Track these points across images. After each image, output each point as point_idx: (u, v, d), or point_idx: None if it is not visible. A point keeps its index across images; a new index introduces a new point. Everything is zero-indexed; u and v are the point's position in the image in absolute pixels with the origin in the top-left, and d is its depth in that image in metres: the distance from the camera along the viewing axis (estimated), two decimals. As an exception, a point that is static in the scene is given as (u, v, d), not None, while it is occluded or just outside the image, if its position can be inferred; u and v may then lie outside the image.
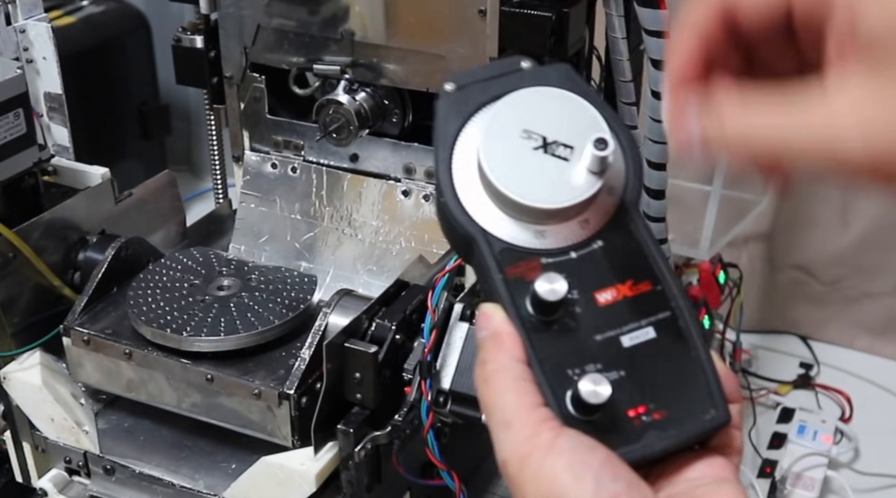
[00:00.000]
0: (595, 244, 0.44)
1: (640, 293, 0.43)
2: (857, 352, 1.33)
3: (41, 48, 0.98)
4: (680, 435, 0.41)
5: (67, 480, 0.93)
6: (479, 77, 0.46)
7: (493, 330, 0.42)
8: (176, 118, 1.66)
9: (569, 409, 0.41)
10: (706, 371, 0.43)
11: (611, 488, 0.37)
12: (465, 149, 0.45)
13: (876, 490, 1.12)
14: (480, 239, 0.43)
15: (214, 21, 1.07)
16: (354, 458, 0.78)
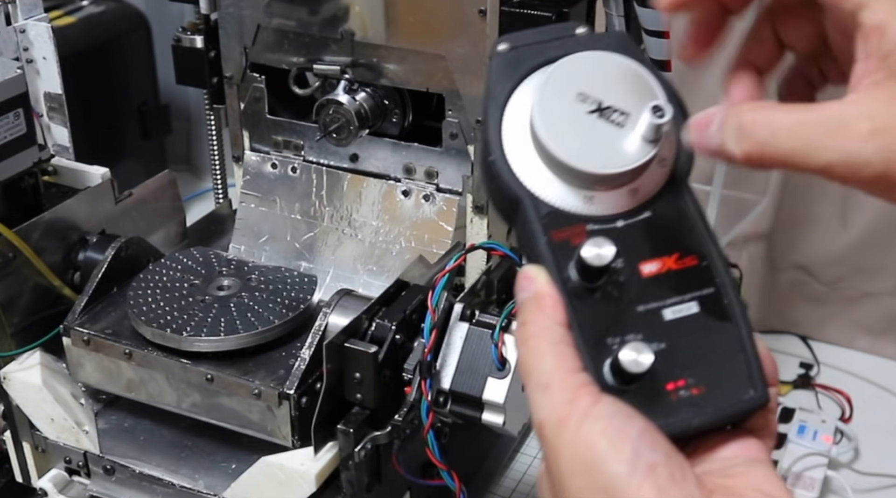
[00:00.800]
0: (643, 214, 0.43)
1: (685, 267, 0.43)
2: (857, 352, 1.33)
3: (41, 48, 0.98)
4: (717, 412, 0.41)
5: (67, 480, 0.93)
6: (533, 39, 0.45)
7: (534, 292, 0.42)
8: (176, 118, 1.66)
9: (606, 377, 0.40)
10: (747, 351, 0.42)
11: (649, 457, 0.37)
12: (516, 109, 0.44)
13: (876, 490, 1.12)
14: (527, 200, 0.43)
15: (214, 21, 1.07)
16: (354, 458, 0.78)
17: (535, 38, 0.46)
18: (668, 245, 0.43)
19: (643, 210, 0.43)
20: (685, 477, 0.37)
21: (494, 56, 0.45)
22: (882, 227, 1.28)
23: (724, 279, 0.43)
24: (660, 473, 0.37)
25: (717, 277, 0.43)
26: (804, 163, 0.38)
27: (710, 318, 0.42)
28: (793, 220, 1.33)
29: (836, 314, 1.34)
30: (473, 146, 0.99)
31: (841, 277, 1.34)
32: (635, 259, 0.43)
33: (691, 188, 0.45)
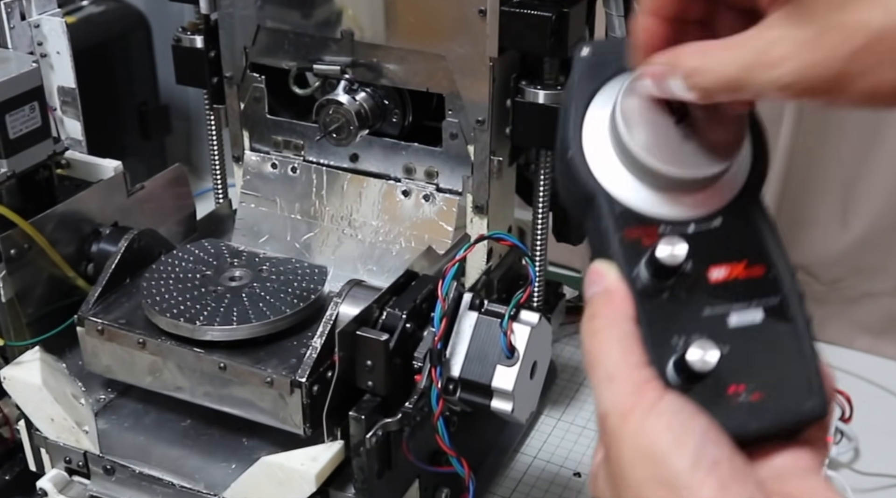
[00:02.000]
0: (715, 221, 0.44)
1: (752, 275, 0.44)
2: (857, 352, 1.33)
3: (55, 43, 1.00)
4: (776, 420, 0.41)
5: (67, 480, 0.93)
6: (615, 47, 0.47)
7: (605, 286, 0.43)
8: (176, 118, 1.66)
9: (670, 375, 0.41)
10: (809, 361, 0.42)
11: (713, 454, 0.37)
12: (596, 111, 0.46)
13: (876, 490, 1.12)
14: (602, 198, 0.44)
15: (214, 21, 1.07)
16: (366, 444, 0.79)
17: (616, 47, 0.47)
18: (737, 252, 0.44)
19: (715, 217, 0.44)
20: (747, 476, 0.38)
21: (577, 60, 0.47)
22: (882, 228, 1.28)
23: (791, 290, 0.44)
24: (723, 469, 0.37)
25: (783, 287, 0.44)
26: (747, 95, 0.41)
27: (774, 326, 0.43)
28: (793, 220, 1.33)
29: (836, 314, 1.34)
30: (473, 146, 0.99)
31: (841, 277, 1.33)
32: (704, 264, 0.43)
33: (763, 199, 0.46)
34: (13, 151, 0.89)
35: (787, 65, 0.38)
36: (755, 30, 0.40)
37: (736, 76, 0.40)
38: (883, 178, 1.26)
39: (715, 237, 0.44)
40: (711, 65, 0.41)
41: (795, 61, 0.38)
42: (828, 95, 0.38)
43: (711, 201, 0.45)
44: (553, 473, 1.07)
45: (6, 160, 0.89)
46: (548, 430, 1.14)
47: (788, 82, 0.38)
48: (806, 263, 1.35)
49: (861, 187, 1.28)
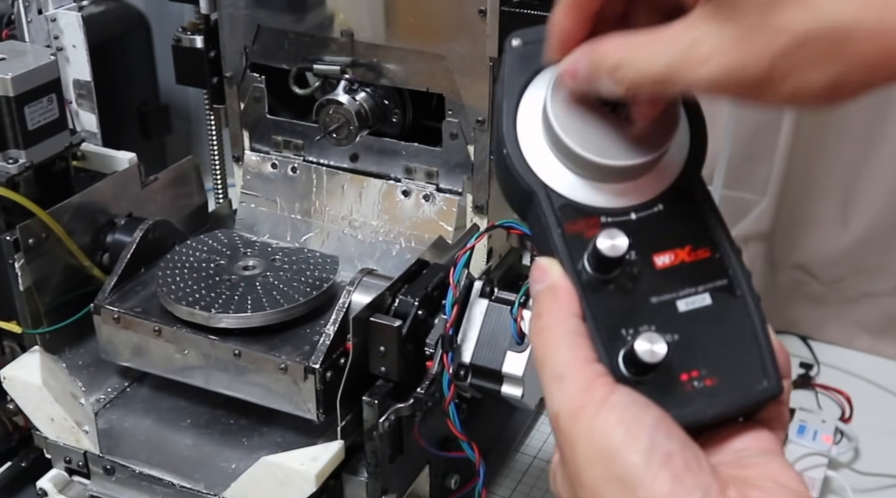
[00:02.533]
0: (656, 207, 0.44)
1: (698, 259, 0.43)
2: (857, 352, 1.33)
3: (71, 36, 1.01)
4: (731, 403, 0.41)
5: (67, 480, 0.93)
6: (545, 35, 0.46)
7: (549, 283, 0.42)
8: (176, 118, 1.66)
9: (621, 368, 0.41)
10: (761, 342, 0.42)
11: (665, 446, 0.37)
12: (530, 104, 0.45)
13: (876, 490, 1.12)
14: (541, 193, 0.43)
15: (214, 21, 1.07)
16: (379, 429, 0.80)
17: (546, 35, 0.46)
18: (681, 237, 0.43)
19: (656, 203, 0.44)
20: (701, 466, 0.37)
21: (508, 51, 0.46)
22: (882, 228, 1.28)
23: (737, 271, 0.43)
24: (676, 462, 0.37)
25: (729, 269, 0.43)
26: (673, 90, 0.40)
27: (723, 309, 0.43)
28: (793, 220, 1.33)
29: (836, 314, 1.34)
30: (473, 146, 0.99)
31: (841, 276, 1.34)
32: (648, 251, 0.43)
33: (703, 180, 0.45)
34: (32, 142, 0.91)
35: (714, 62, 0.38)
36: (681, 24, 0.39)
37: (663, 72, 0.39)
38: (883, 178, 1.26)
39: (657, 223, 0.44)
40: (638, 59, 0.40)
41: (722, 59, 0.37)
42: (753, 95, 0.38)
43: (651, 187, 0.44)
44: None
45: (25, 151, 0.90)
46: (548, 430, 1.14)
47: (715, 80, 0.38)
48: (806, 263, 1.35)
49: (861, 187, 1.28)
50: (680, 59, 0.38)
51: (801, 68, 0.36)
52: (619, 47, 0.41)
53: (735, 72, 0.37)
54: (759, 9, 0.36)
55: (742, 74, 0.37)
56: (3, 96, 0.88)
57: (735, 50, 0.37)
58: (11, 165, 0.90)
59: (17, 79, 0.88)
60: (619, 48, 0.41)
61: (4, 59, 0.90)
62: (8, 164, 0.90)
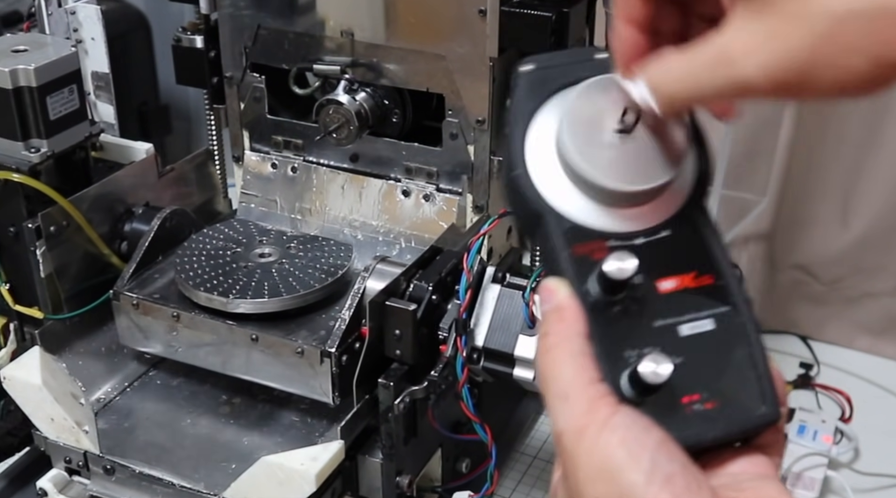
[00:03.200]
0: (662, 232, 0.45)
1: (702, 285, 0.44)
2: (857, 352, 1.33)
3: (90, 29, 1.05)
4: (730, 427, 0.42)
5: (67, 480, 0.93)
6: (556, 62, 0.47)
7: (556, 304, 0.43)
8: (176, 118, 1.66)
9: (624, 388, 0.41)
10: (760, 368, 0.43)
11: (666, 468, 0.37)
12: (540, 127, 0.46)
13: (876, 490, 1.12)
14: (549, 215, 0.44)
15: (214, 21, 1.07)
16: (394, 410, 0.82)
17: (557, 61, 0.47)
18: (686, 263, 0.44)
19: (662, 228, 0.45)
20: (700, 488, 0.38)
21: (519, 76, 0.47)
22: (882, 228, 1.28)
23: (739, 298, 0.44)
24: (676, 483, 0.37)
25: (732, 296, 0.44)
26: (711, 99, 0.40)
27: (724, 335, 0.43)
28: (793, 220, 1.33)
29: (836, 314, 1.34)
30: (473, 146, 0.99)
31: (841, 276, 1.33)
32: (654, 276, 0.44)
33: (708, 208, 0.46)
34: (53, 132, 0.92)
35: (749, 59, 0.37)
36: (715, 31, 0.39)
37: (695, 78, 0.39)
38: (883, 178, 1.26)
39: (663, 249, 0.44)
40: (670, 70, 0.40)
41: (757, 55, 0.37)
42: (795, 90, 0.37)
43: (658, 212, 0.45)
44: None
45: (47, 140, 0.92)
46: (548, 430, 1.14)
47: (752, 78, 0.37)
48: (806, 263, 1.35)
49: (861, 187, 1.28)
50: (712, 61, 0.38)
51: (843, 55, 0.36)
52: (657, 67, 0.41)
53: (773, 66, 0.37)
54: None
55: (781, 68, 0.37)
56: (27, 86, 0.89)
57: (771, 42, 0.37)
58: (34, 154, 0.92)
59: (39, 69, 0.90)
60: (654, 62, 0.41)
61: (27, 50, 0.92)
62: (30, 153, 0.91)
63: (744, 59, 0.37)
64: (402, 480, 0.86)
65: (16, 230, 0.92)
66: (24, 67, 0.89)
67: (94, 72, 1.06)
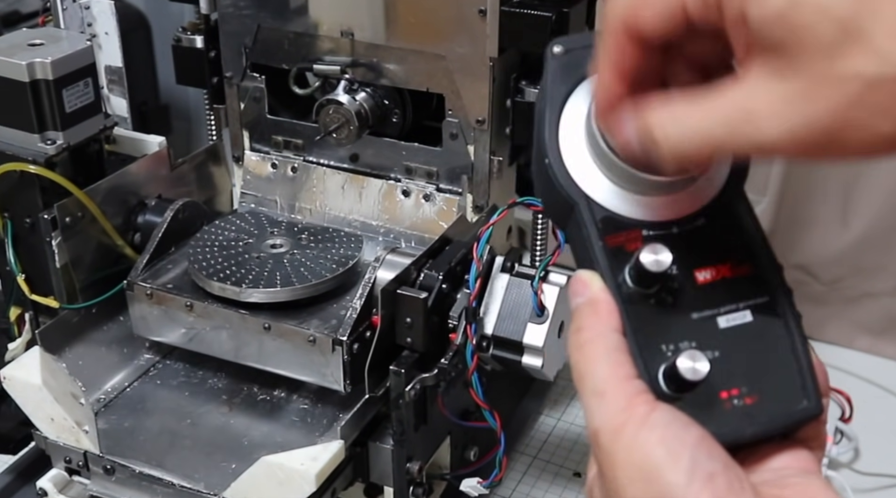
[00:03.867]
0: (698, 221, 0.43)
1: (739, 275, 0.43)
2: (857, 352, 1.33)
3: (104, 23, 1.06)
4: (771, 422, 0.41)
5: (67, 480, 0.93)
6: (588, 43, 0.45)
7: (590, 297, 0.42)
8: (176, 118, 1.66)
9: (661, 384, 0.40)
10: (801, 360, 0.42)
11: (707, 467, 0.37)
12: (572, 113, 0.44)
13: (876, 490, 1.12)
14: (583, 204, 0.43)
15: (214, 21, 1.07)
16: (405, 397, 0.83)
17: (589, 42, 0.45)
18: (723, 253, 0.43)
19: (698, 217, 0.43)
20: (743, 487, 0.37)
21: (550, 59, 0.45)
22: (882, 228, 1.28)
23: (779, 288, 0.43)
24: (718, 482, 0.37)
25: (770, 286, 0.43)
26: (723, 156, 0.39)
27: (763, 326, 0.42)
28: (793, 220, 1.33)
29: (836, 314, 1.34)
30: (473, 146, 0.99)
31: (841, 276, 1.33)
32: (690, 266, 0.43)
33: (746, 195, 0.45)
34: (69, 124, 0.93)
35: (773, 121, 0.36)
36: (732, 82, 0.37)
37: (710, 133, 0.37)
38: (883, 178, 1.26)
39: (699, 238, 0.43)
40: (681, 121, 0.38)
41: (782, 117, 0.35)
42: (819, 152, 0.36)
43: (693, 201, 0.44)
44: (553, 474, 1.07)
45: (62, 133, 0.93)
46: (548, 430, 1.14)
47: (775, 141, 0.36)
48: (806, 263, 1.35)
49: (861, 187, 1.28)
50: (733, 119, 0.37)
51: (873, 115, 0.34)
52: (664, 118, 0.39)
53: (799, 129, 0.35)
54: (821, 59, 0.34)
55: (808, 131, 0.35)
56: (43, 80, 0.90)
57: (798, 105, 0.35)
58: (49, 146, 0.92)
59: (56, 63, 0.90)
60: (664, 119, 0.39)
61: (43, 44, 0.93)
62: (46, 145, 0.92)
63: (767, 120, 0.36)
64: (413, 467, 0.87)
65: (31, 221, 0.93)
66: (41, 61, 0.90)
67: (107, 66, 1.07)
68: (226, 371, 1.01)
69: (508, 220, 1.09)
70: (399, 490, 0.88)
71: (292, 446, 0.85)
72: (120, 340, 1.01)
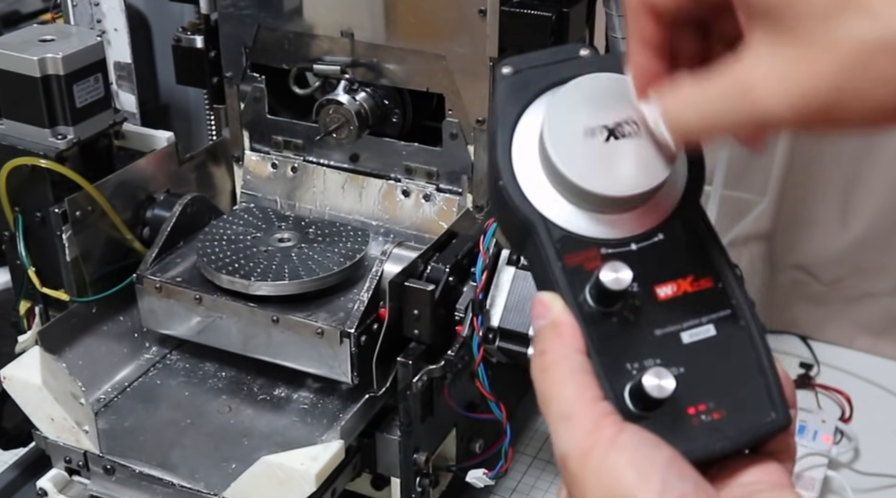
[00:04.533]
0: (656, 237, 0.43)
1: (700, 289, 0.42)
2: (857, 352, 1.33)
3: (113, 20, 1.08)
4: (739, 436, 0.40)
5: (67, 480, 0.93)
6: (538, 62, 0.45)
7: (551, 319, 0.41)
8: (176, 118, 1.66)
9: (627, 403, 0.40)
10: (766, 373, 0.41)
11: (678, 488, 0.36)
12: (525, 133, 0.44)
13: (876, 490, 1.12)
14: (540, 225, 0.42)
15: (214, 21, 1.07)
16: (412, 388, 0.83)
17: (540, 61, 0.45)
18: (683, 267, 0.43)
19: (656, 232, 0.43)
20: None
21: (500, 79, 0.45)
22: (882, 227, 1.28)
23: (740, 300, 0.42)
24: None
25: (732, 299, 0.42)
26: (728, 131, 0.38)
27: (727, 340, 0.42)
28: (793, 220, 1.33)
29: (836, 314, 1.34)
30: (473, 146, 0.99)
31: (841, 276, 1.33)
32: (650, 282, 0.42)
33: (702, 208, 0.44)
34: (79, 119, 0.94)
35: (770, 90, 0.35)
36: (734, 58, 0.37)
37: (711, 108, 0.37)
38: (883, 178, 1.26)
39: (659, 253, 0.42)
40: (684, 99, 0.38)
41: (779, 85, 0.35)
42: (820, 123, 0.35)
43: (651, 216, 0.43)
44: (553, 474, 1.07)
45: (73, 127, 0.94)
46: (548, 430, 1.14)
47: (774, 110, 0.35)
48: (806, 263, 1.35)
49: (861, 187, 1.28)
50: (732, 92, 0.36)
51: (873, 83, 0.34)
52: (668, 89, 0.39)
53: (800, 97, 0.35)
54: (819, 22, 0.34)
55: (808, 99, 0.35)
56: (54, 75, 0.91)
57: (797, 72, 0.35)
58: (60, 141, 0.93)
59: (67, 58, 0.91)
60: (667, 91, 0.39)
61: (54, 40, 0.93)
62: (57, 139, 0.93)
63: (765, 89, 0.35)
64: (419, 458, 0.88)
65: (42, 215, 0.94)
66: (53, 56, 0.90)
67: (116, 62, 1.08)
68: (226, 371, 1.01)
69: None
70: (405, 481, 0.89)
71: (292, 446, 0.85)
72: (120, 341, 1.01)
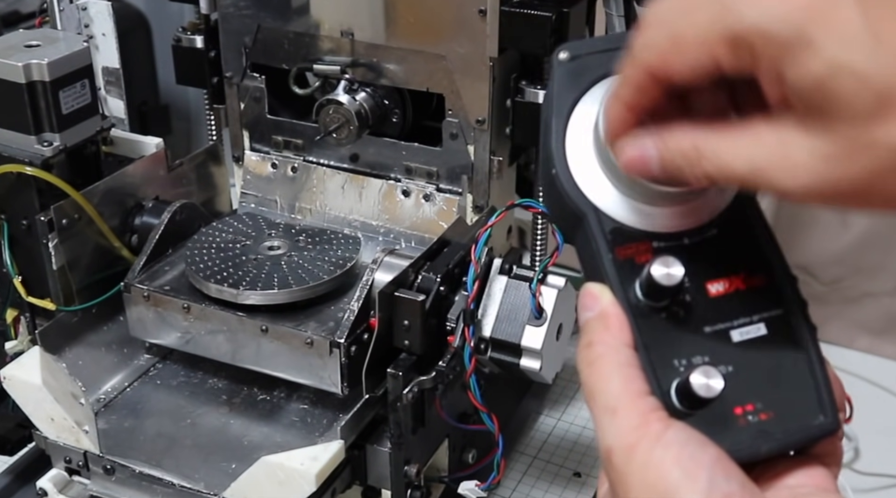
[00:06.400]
0: (709, 232, 0.42)
1: (752, 287, 0.42)
2: (857, 352, 1.33)
3: (101, 25, 1.05)
4: (786, 438, 0.40)
5: (67, 480, 0.93)
6: (596, 48, 0.44)
7: (600, 311, 0.41)
8: (176, 118, 1.66)
9: (673, 400, 0.39)
10: (817, 375, 0.41)
11: (724, 488, 0.36)
12: (580, 121, 0.43)
13: (876, 490, 1.12)
14: (591, 216, 0.42)
15: (214, 21, 1.07)
16: (402, 400, 0.82)
17: (597, 47, 0.44)
18: (735, 264, 0.42)
19: (709, 228, 0.42)
20: None
21: (556, 65, 0.44)
22: (882, 228, 1.28)
23: (793, 300, 0.42)
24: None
25: (785, 298, 0.42)
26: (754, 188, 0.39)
27: (778, 340, 0.41)
28: (793, 220, 1.33)
29: (836, 314, 1.34)
30: (473, 146, 0.99)
31: (841, 277, 1.34)
32: (702, 278, 0.41)
33: (758, 205, 0.44)
34: (65, 126, 0.93)
35: (807, 174, 0.36)
36: (767, 125, 0.37)
37: (749, 172, 0.37)
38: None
39: (711, 249, 0.42)
40: (721, 155, 0.38)
41: (812, 172, 0.36)
42: (842, 204, 0.36)
43: (705, 211, 0.43)
44: (553, 474, 1.07)
45: (59, 134, 0.92)
46: (548, 430, 1.14)
47: (800, 191, 0.36)
48: (806, 263, 1.35)
49: (861, 187, 1.28)
50: (769, 163, 0.37)
51: None
52: (699, 140, 0.39)
53: (830, 185, 0.35)
54: (858, 126, 0.34)
55: (838, 188, 0.35)
56: (40, 81, 0.90)
57: (833, 165, 0.35)
58: (46, 148, 0.92)
59: (52, 64, 0.90)
60: (698, 141, 0.39)
61: (40, 45, 0.92)
62: (43, 146, 0.92)
63: (794, 170, 0.36)
64: (410, 469, 0.87)
65: (28, 223, 0.93)
66: (38, 62, 0.89)
67: (104, 67, 1.07)
68: (226, 371, 1.01)
69: (508, 220, 1.09)
70: (397, 493, 0.88)
71: (292, 446, 0.85)
72: (120, 341, 1.01)
